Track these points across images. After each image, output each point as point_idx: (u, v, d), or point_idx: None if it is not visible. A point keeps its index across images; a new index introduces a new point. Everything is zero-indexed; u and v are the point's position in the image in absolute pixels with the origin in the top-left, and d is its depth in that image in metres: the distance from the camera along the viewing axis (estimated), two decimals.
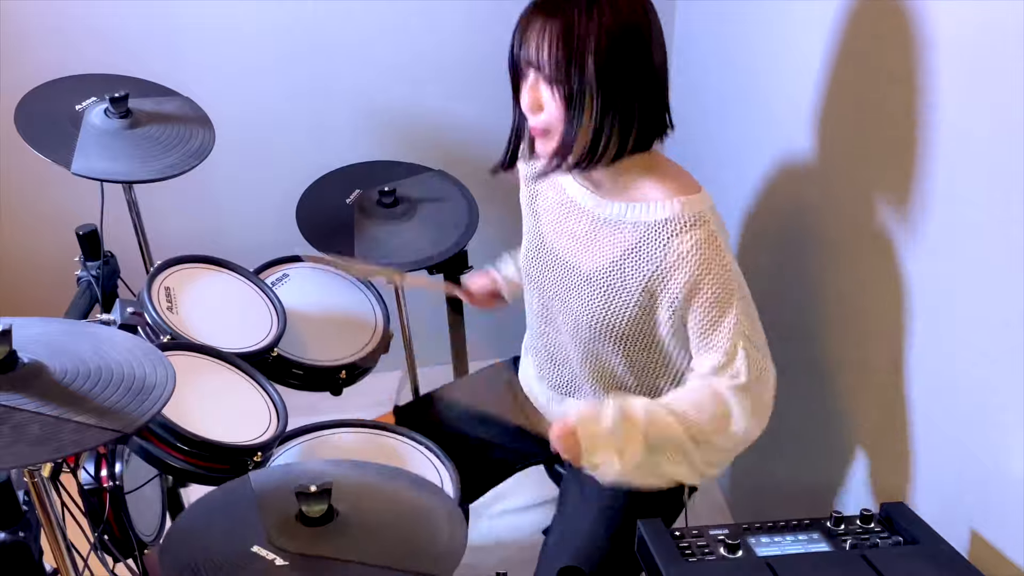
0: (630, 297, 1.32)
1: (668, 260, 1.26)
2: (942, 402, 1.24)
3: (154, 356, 1.11)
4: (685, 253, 1.25)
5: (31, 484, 1.10)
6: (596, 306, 1.35)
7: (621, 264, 1.31)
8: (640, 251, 1.29)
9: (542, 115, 1.26)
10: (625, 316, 1.34)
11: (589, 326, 1.37)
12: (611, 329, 1.36)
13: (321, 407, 1.73)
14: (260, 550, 1.05)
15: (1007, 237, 1.08)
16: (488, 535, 2.03)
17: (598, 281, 1.34)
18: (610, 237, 1.33)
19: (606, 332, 1.37)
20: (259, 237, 2.07)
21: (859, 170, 1.41)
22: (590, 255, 1.36)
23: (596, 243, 1.35)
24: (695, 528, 1.19)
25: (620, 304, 1.33)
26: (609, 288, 1.33)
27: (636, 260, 1.30)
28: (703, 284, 1.26)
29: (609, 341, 1.38)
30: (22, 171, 2.11)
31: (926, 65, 1.19)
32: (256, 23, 2.05)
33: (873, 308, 1.39)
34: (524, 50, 1.23)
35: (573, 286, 1.39)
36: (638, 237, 1.29)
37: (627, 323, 1.34)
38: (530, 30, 1.22)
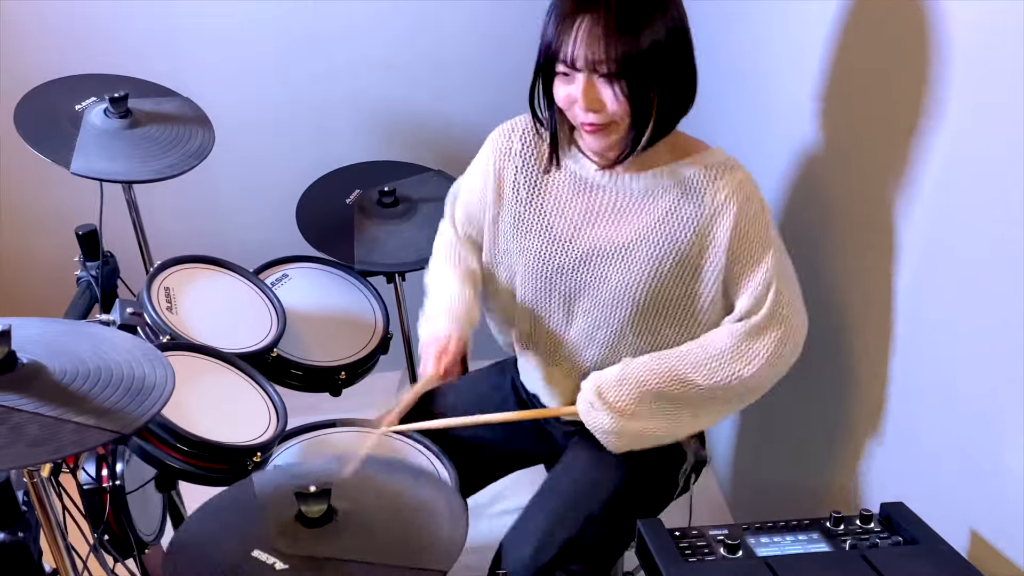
0: (680, 251, 1.33)
1: (716, 202, 1.30)
2: (942, 402, 1.24)
3: (154, 356, 1.11)
4: (730, 194, 1.29)
5: (31, 484, 1.11)
6: (643, 270, 1.35)
7: (665, 221, 1.33)
8: (683, 203, 1.32)
9: (602, 112, 1.25)
10: (673, 271, 1.34)
11: (634, 296, 1.37)
12: (656, 291, 1.36)
13: (321, 407, 1.73)
14: (260, 554, 1.05)
15: (1007, 237, 1.07)
16: (488, 535, 2.02)
17: (639, 248, 1.35)
18: (646, 205, 1.34)
19: (651, 297, 1.37)
20: (259, 237, 2.07)
21: (861, 170, 1.41)
22: (623, 229, 1.36)
23: (628, 216, 1.36)
24: (695, 528, 1.19)
25: (671, 260, 1.34)
26: (657, 246, 1.34)
27: (681, 212, 1.32)
28: (748, 225, 1.30)
29: (651, 309, 1.38)
30: (22, 171, 2.12)
31: (932, 64, 1.19)
32: (256, 23, 2.05)
33: (873, 308, 1.39)
34: (574, 49, 1.21)
35: (608, 266, 1.38)
36: (678, 194, 1.32)
37: (674, 279, 1.35)
38: (581, 28, 1.20)
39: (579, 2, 1.20)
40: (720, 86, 1.86)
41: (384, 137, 2.23)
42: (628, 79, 1.21)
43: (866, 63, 1.36)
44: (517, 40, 2.12)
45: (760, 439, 1.93)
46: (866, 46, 1.36)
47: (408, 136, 2.24)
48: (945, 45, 1.16)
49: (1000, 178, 1.08)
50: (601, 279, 1.39)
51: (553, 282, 1.44)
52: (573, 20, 1.20)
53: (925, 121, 1.21)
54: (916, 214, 1.26)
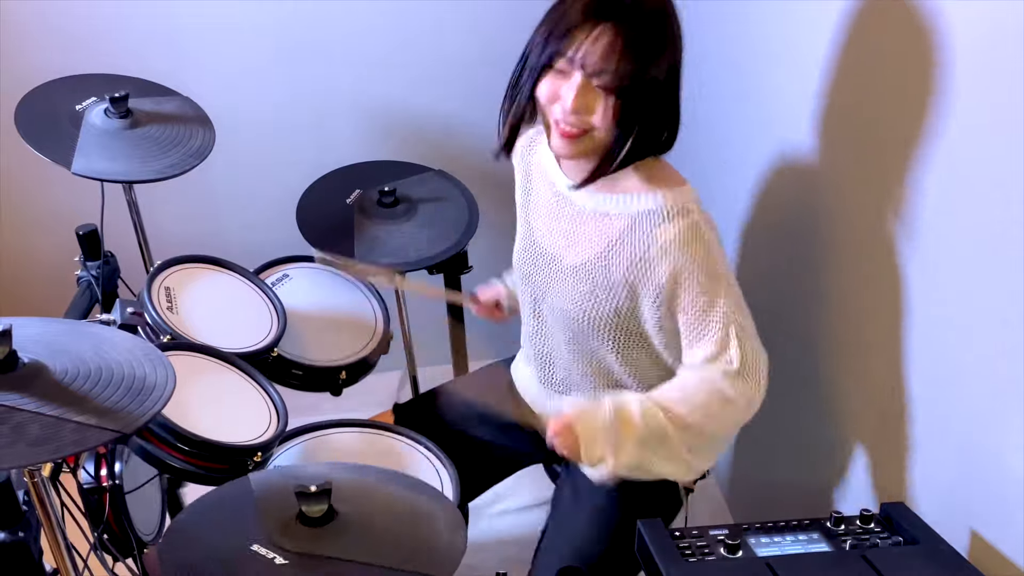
0: (614, 289, 1.32)
1: (652, 251, 1.27)
2: (942, 402, 1.24)
3: (154, 356, 1.11)
4: (668, 243, 1.26)
5: (31, 484, 1.10)
6: (581, 300, 1.36)
7: (606, 256, 1.32)
8: (624, 242, 1.30)
9: (585, 118, 1.24)
10: (610, 309, 1.34)
11: (577, 320, 1.38)
12: (598, 323, 1.36)
13: (321, 407, 1.73)
14: (260, 548, 1.05)
15: (1007, 237, 1.08)
16: (488, 535, 2.03)
17: (583, 274, 1.35)
18: (596, 229, 1.34)
19: (593, 326, 1.37)
20: (259, 237, 2.07)
21: (859, 171, 1.41)
22: (576, 248, 1.36)
23: (582, 236, 1.35)
24: (695, 528, 1.19)
25: (604, 297, 1.34)
26: (594, 281, 1.34)
27: (620, 251, 1.30)
28: (688, 274, 1.26)
29: (597, 336, 1.38)
30: (22, 171, 2.11)
31: (929, 66, 1.19)
32: (256, 23, 2.05)
33: (873, 308, 1.39)
34: (584, 51, 1.20)
35: (560, 280, 1.39)
36: (622, 227, 1.30)
37: (612, 316, 1.35)
38: (589, 33, 1.19)
39: (603, 9, 1.18)
40: (717, 88, 1.86)
41: (384, 137, 2.23)
42: (624, 98, 1.21)
43: (864, 66, 1.36)
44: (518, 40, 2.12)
45: (760, 439, 1.93)
46: (864, 49, 1.36)
47: (408, 136, 2.24)
48: (945, 47, 1.16)
49: (1000, 178, 1.08)
50: (554, 291, 1.41)
51: (527, 279, 1.46)
52: (592, 24, 1.19)
53: (925, 123, 1.21)
54: (915, 214, 1.26)
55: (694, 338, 1.30)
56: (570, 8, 1.21)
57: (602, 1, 1.18)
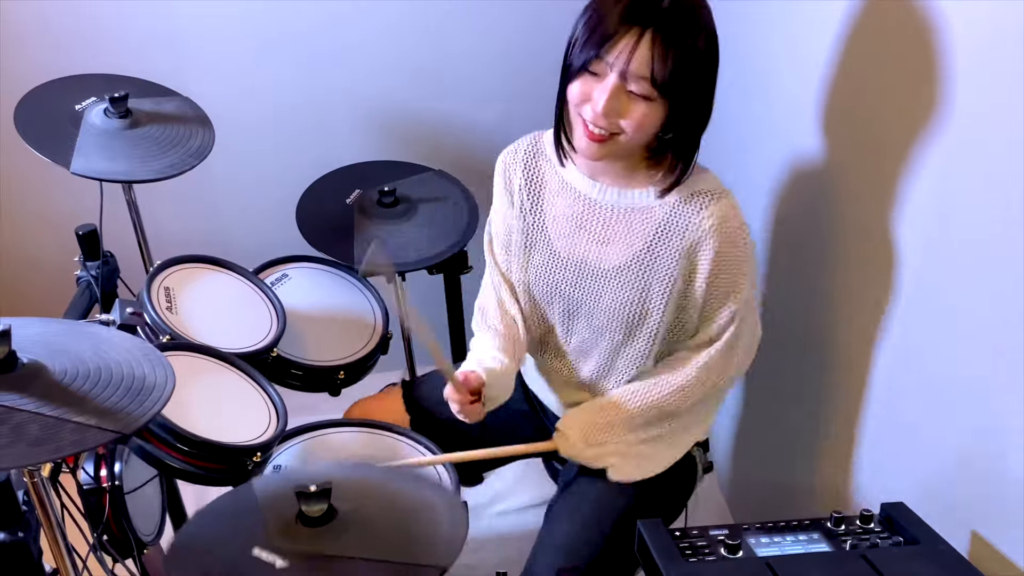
0: (668, 275, 1.34)
1: (701, 229, 1.30)
2: (942, 402, 1.24)
3: (154, 357, 1.11)
4: (719, 221, 1.29)
5: (31, 484, 1.11)
6: (633, 297, 1.37)
7: (653, 247, 1.33)
8: (671, 228, 1.32)
9: (615, 121, 1.24)
10: (664, 297, 1.35)
11: (627, 319, 1.39)
12: (650, 315, 1.37)
13: (321, 407, 1.73)
14: (261, 553, 1.05)
15: (1007, 238, 1.07)
16: (488, 535, 2.03)
17: (631, 271, 1.36)
18: (633, 224, 1.35)
19: (645, 320, 1.38)
20: (259, 237, 2.07)
21: (862, 171, 1.41)
22: (614, 249, 1.36)
23: (618, 235, 1.36)
24: (695, 528, 1.19)
25: (658, 287, 1.35)
26: (644, 275, 1.35)
27: (669, 237, 1.32)
28: (730, 254, 1.31)
29: (644, 330, 1.39)
30: (22, 171, 2.11)
31: (935, 66, 1.19)
32: (256, 23, 2.05)
33: (873, 308, 1.39)
34: (615, 57, 1.19)
35: (601, 286, 1.39)
36: (665, 215, 1.32)
37: (666, 304, 1.36)
38: (627, 39, 1.18)
39: (641, 15, 1.18)
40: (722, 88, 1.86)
41: (384, 137, 2.23)
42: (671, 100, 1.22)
43: (869, 67, 1.36)
44: (518, 40, 2.13)
45: (760, 439, 1.93)
46: (874, 47, 1.36)
47: (408, 136, 2.24)
48: (945, 48, 1.16)
49: (1000, 178, 1.08)
50: (595, 298, 1.41)
51: (554, 296, 1.46)
52: (630, 29, 1.18)
53: (925, 124, 1.21)
54: (916, 214, 1.26)
55: (709, 314, 1.36)
56: (608, 13, 1.20)
57: (640, 7, 1.18)
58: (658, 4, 1.18)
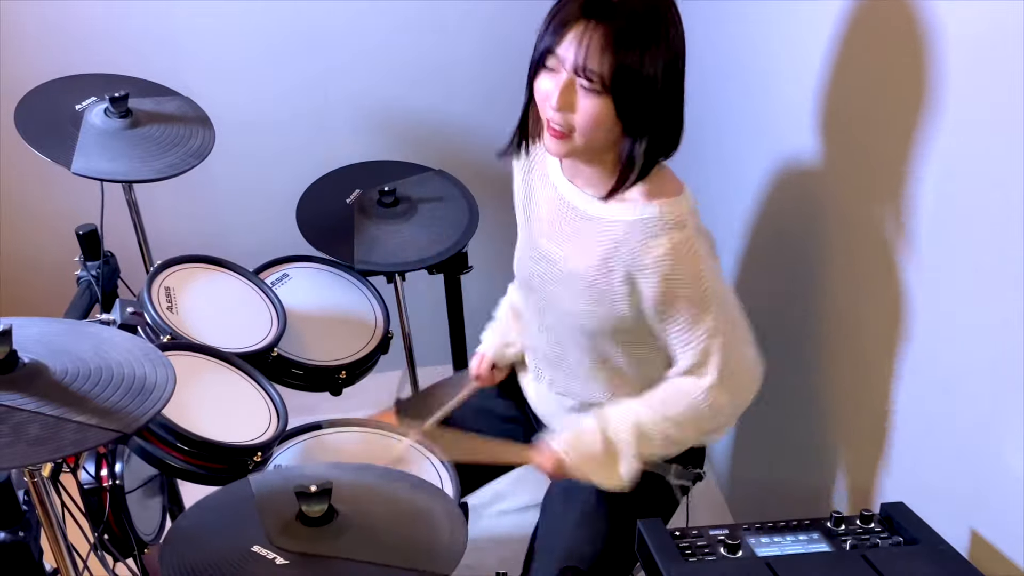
0: (617, 293, 1.32)
1: (646, 260, 1.27)
2: (942, 402, 1.24)
3: (154, 356, 1.11)
4: (661, 256, 1.26)
5: (31, 484, 1.11)
6: (587, 305, 1.36)
7: (607, 261, 1.32)
8: (621, 249, 1.30)
9: (569, 116, 1.23)
10: (615, 313, 1.34)
11: (583, 325, 1.38)
12: (604, 327, 1.36)
13: (321, 407, 1.73)
14: (260, 549, 1.05)
15: (1006, 239, 1.08)
16: (488, 535, 2.03)
17: (587, 279, 1.35)
18: (597, 234, 1.33)
19: (599, 331, 1.37)
20: (259, 237, 2.07)
21: (858, 173, 1.41)
22: (579, 254, 1.36)
23: (584, 241, 1.35)
24: (695, 528, 1.19)
25: (609, 301, 1.34)
26: (597, 286, 1.34)
27: (618, 257, 1.30)
28: (679, 287, 1.28)
29: (604, 339, 1.38)
30: (22, 171, 2.11)
31: (930, 68, 1.19)
32: (256, 23, 2.05)
33: (873, 309, 1.39)
34: (565, 49, 1.19)
35: (564, 287, 1.39)
36: (619, 234, 1.30)
37: (618, 320, 1.35)
38: (577, 31, 1.18)
39: (589, 7, 1.17)
40: (716, 89, 1.87)
41: (384, 137, 2.23)
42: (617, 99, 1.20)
43: (864, 68, 1.36)
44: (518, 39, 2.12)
45: (760, 439, 1.93)
46: (869, 48, 1.36)
47: (408, 136, 2.24)
48: (945, 49, 1.16)
49: (1000, 178, 1.08)
50: (559, 297, 1.40)
51: (531, 286, 1.46)
52: (581, 22, 1.18)
53: (924, 124, 1.21)
54: (916, 215, 1.26)
55: (678, 347, 1.33)
56: (563, 7, 1.20)
57: (592, 1, 1.17)
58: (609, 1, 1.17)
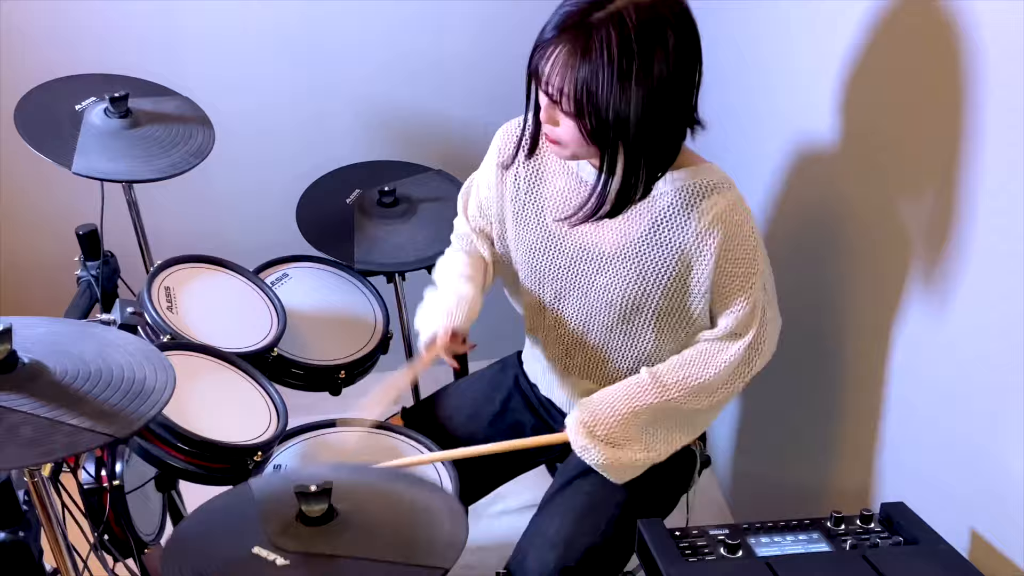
0: (665, 265, 1.32)
1: (703, 222, 1.28)
2: (942, 402, 1.24)
3: (156, 360, 1.10)
4: (721, 213, 1.27)
5: (31, 484, 1.10)
6: (627, 283, 1.35)
7: (652, 235, 1.32)
8: (671, 218, 1.30)
9: (556, 130, 1.24)
10: (660, 286, 1.34)
11: (620, 306, 1.37)
12: (644, 304, 1.36)
13: (321, 407, 1.73)
14: (261, 551, 1.05)
15: (1007, 239, 1.08)
16: (488, 535, 2.03)
17: (627, 258, 1.34)
18: (635, 210, 1.32)
19: (638, 309, 1.37)
20: (259, 237, 2.07)
21: (871, 170, 1.41)
22: (613, 234, 1.35)
23: (618, 221, 1.34)
24: (695, 528, 1.19)
25: (654, 276, 1.34)
26: (640, 263, 1.34)
27: (668, 228, 1.30)
28: (737, 244, 1.28)
29: (640, 318, 1.38)
30: (22, 171, 2.11)
31: (948, 61, 1.19)
32: (256, 23, 2.05)
33: (875, 308, 1.39)
34: (540, 65, 1.19)
35: (596, 271, 1.38)
36: (666, 204, 1.30)
37: (662, 293, 1.35)
38: (552, 52, 1.16)
39: (564, 27, 1.15)
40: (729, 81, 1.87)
41: (384, 137, 2.23)
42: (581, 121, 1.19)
43: (872, 58, 1.36)
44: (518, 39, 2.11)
45: (760, 439, 1.93)
46: (886, 43, 1.36)
47: (408, 136, 2.24)
48: (958, 40, 1.16)
49: (1001, 179, 1.08)
50: (588, 283, 1.40)
51: (546, 277, 1.45)
52: (554, 40, 1.16)
53: (939, 122, 1.21)
54: (920, 215, 1.26)
55: (722, 307, 1.33)
56: (550, 21, 1.19)
57: (570, 20, 1.15)
58: (584, 20, 1.14)
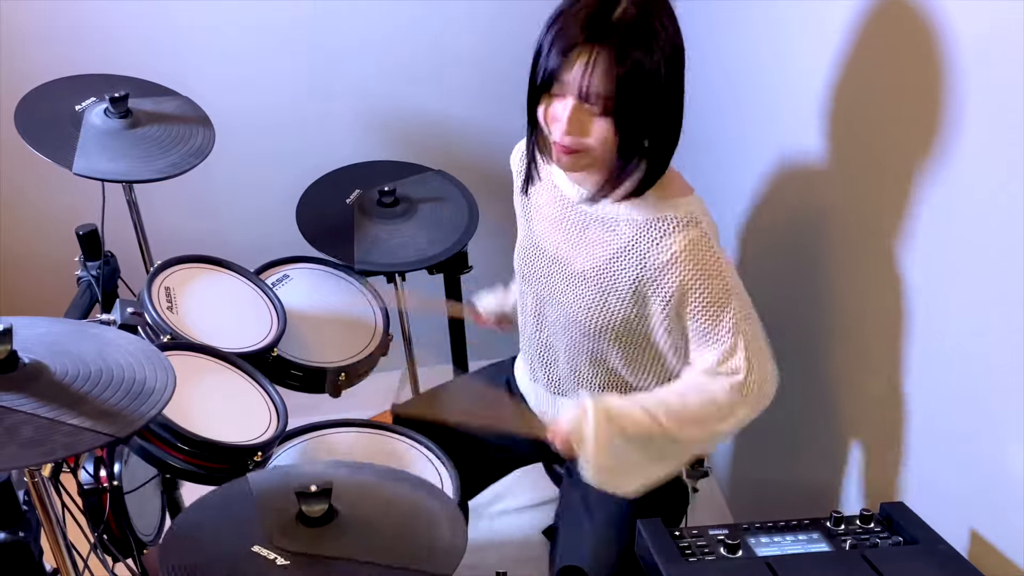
0: (622, 296, 1.33)
1: (660, 259, 1.27)
2: (942, 402, 1.24)
3: (157, 360, 1.10)
4: (678, 253, 1.26)
5: (31, 484, 1.10)
6: (590, 305, 1.36)
7: (614, 262, 1.32)
8: (632, 250, 1.30)
9: (581, 139, 1.23)
10: (619, 314, 1.34)
11: (584, 325, 1.38)
12: (605, 328, 1.36)
13: (321, 407, 1.73)
14: (261, 550, 1.05)
15: (1007, 238, 1.08)
16: (488, 535, 2.03)
17: (591, 280, 1.35)
18: (603, 235, 1.34)
19: (600, 331, 1.37)
20: (259, 237, 2.07)
21: (859, 171, 1.41)
22: (583, 253, 1.36)
23: (589, 241, 1.35)
24: (695, 528, 1.19)
25: (614, 302, 1.34)
26: (602, 287, 1.34)
27: (628, 259, 1.30)
28: (697, 285, 1.27)
29: (604, 340, 1.38)
30: (22, 171, 2.12)
31: (930, 67, 1.19)
32: (256, 23, 2.05)
33: (874, 309, 1.39)
34: (569, 74, 1.19)
35: (567, 285, 1.39)
36: (631, 235, 1.30)
37: (621, 322, 1.35)
38: (581, 57, 1.17)
39: (587, 31, 1.16)
40: (716, 90, 1.87)
41: (384, 137, 2.23)
42: (620, 123, 1.20)
43: (864, 67, 1.36)
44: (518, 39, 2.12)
45: (760, 439, 1.93)
46: (873, 45, 1.36)
47: (408, 136, 2.24)
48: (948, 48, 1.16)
49: (1001, 179, 1.08)
50: (561, 294, 1.41)
51: (530, 281, 1.46)
52: (585, 47, 1.17)
53: (925, 125, 1.21)
54: (917, 216, 1.26)
55: (702, 342, 1.31)
56: (566, 29, 1.19)
57: (594, 24, 1.16)
58: (608, 21, 1.16)
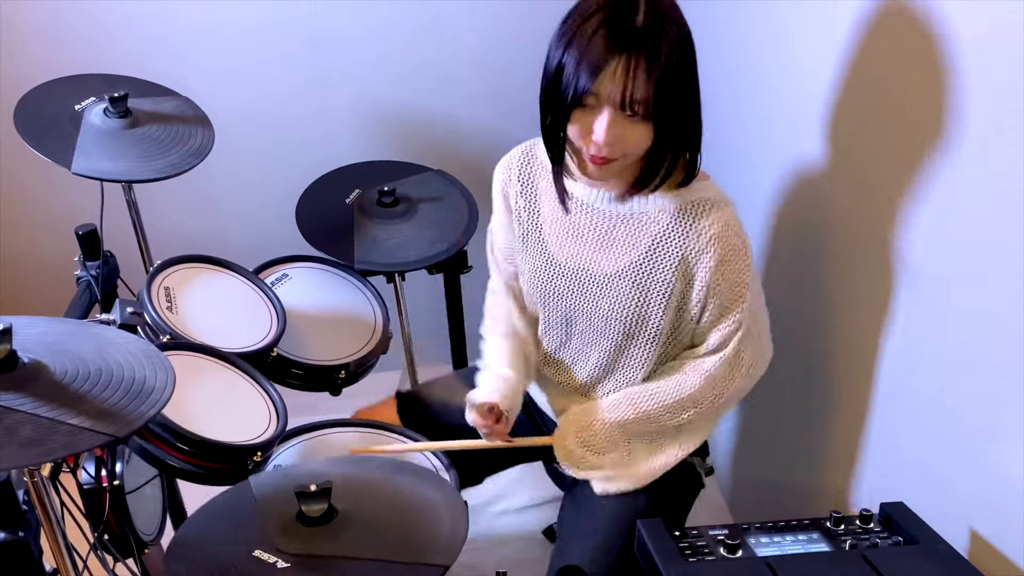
0: (666, 283, 1.34)
1: (703, 239, 1.30)
2: (942, 402, 1.24)
3: (156, 360, 1.10)
4: (720, 230, 1.30)
5: (31, 484, 1.10)
6: (629, 303, 1.37)
7: (652, 253, 1.34)
8: (669, 236, 1.32)
9: (619, 147, 1.24)
10: (662, 304, 1.36)
11: (625, 324, 1.39)
12: (647, 321, 1.38)
13: (321, 407, 1.73)
14: (262, 553, 1.05)
15: (1007, 241, 1.08)
16: (488, 534, 2.03)
17: (626, 277, 1.36)
18: (633, 231, 1.35)
19: (643, 326, 1.38)
20: (259, 237, 2.07)
21: (863, 174, 1.41)
22: (610, 255, 1.37)
23: (617, 242, 1.36)
24: (695, 528, 1.19)
25: (656, 294, 1.35)
26: (641, 281, 1.35)
27: (667, 246, 1.33)
28: (733, 259, 1.31)
29: (644, 335, 1.39)
30: (22, 171, 2.12)
31: (939, 69, 1.19)
32: (256, 23, 2.05)
33: (874, 310, 1.39)
34: (605, 87, 1.18)
35: (598, 290, 1.39)
36: (667, 222, 1.32)
37: (663, 311, 1.36)
38: (613, 67, 1.17)
39: (617, 43, 1.16)
40: (724, 89, 1.86)
41: (384, 137, 2.23)
42: (659, 123, 1.22)
43: (867, 69, 1.36)
44: (518, 39, 2.13)
45: (760, 439, 1.93)
46: (878, 47, 1.36)
47: (408, 136, 2.24)
48: (950, 50, 1.16)
49: (1001, 181, 1.08)
50: (593, 304, 1.41)
51: (552, 301, 1.46)
52: (616, 57, 1.17)
53: (928, 129, 1.21)
54: (916, 216, 1.26)
55: (711, 323, 1.36)
56: (591, 46, 1.18)
57: (620, 34, 1.17)
58: (633, 27, 1.16)
